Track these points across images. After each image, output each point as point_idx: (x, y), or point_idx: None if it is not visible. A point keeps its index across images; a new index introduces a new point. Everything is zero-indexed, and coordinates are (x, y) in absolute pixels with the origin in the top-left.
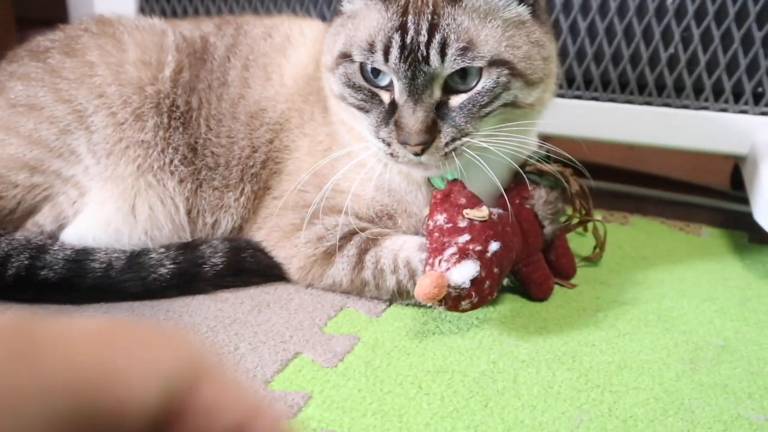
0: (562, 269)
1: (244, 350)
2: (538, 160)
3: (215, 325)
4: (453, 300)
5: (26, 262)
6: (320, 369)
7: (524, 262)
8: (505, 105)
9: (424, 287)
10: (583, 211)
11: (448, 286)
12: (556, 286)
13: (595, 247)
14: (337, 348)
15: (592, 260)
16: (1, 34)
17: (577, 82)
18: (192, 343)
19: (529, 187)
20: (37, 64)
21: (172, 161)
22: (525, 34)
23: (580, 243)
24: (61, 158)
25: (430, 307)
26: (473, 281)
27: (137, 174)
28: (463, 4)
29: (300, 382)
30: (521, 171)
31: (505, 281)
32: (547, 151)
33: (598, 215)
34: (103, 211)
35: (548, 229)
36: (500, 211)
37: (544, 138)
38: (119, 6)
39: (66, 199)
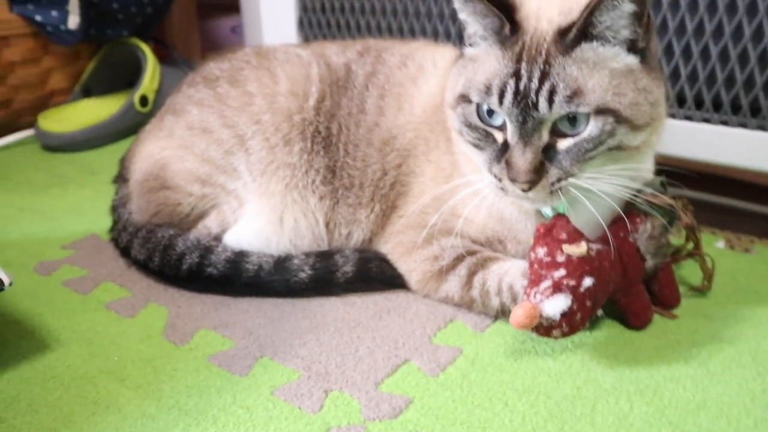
0: (665, 299)
1: (363, 353)
2: (653, 190)
3: (341, 327)
4: (545, 329)
5: (197, 260)
6: (424, 377)
7: (623, 292)
8: (610, 149)
9: (517, 316)
10: (692, 244)
11: (540, 316)
12: (657, 316)
13: (703, 279)
14: (441, 359)
15: (699, 290)
16: (185, 21)
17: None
18: None
19: (637, 219)
20: (208, 91)
21: (314, 181)
22: (632, 81)
23: (692, 269)
24: (226, 174)
25: None
26: (564, 314)
27: (285, 191)
28: (574, 55)
29: (405, 387)
30: (631, 202)
31: (599, 312)
32: (662, 182)
33: (720, 240)
34: (257, 220)
35: (650, 263)
36: (600, 246)
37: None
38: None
39: (229, 208)
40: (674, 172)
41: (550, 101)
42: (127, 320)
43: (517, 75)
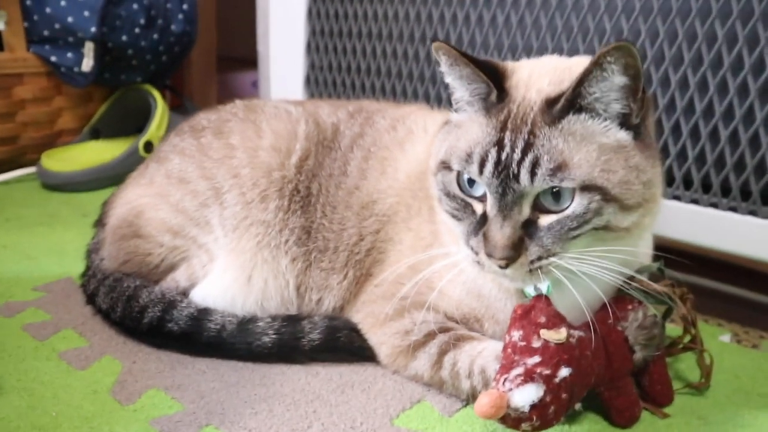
0: (656, 396)
1: (316, 430)
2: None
3: (299, 399)
4: (513, 420)
5: (158, 314)
6: None
7: (607, 385)
8: (596, 229)
9: (482, 405)
10: (689, 337)
11: (508, 406)
12: (645, 414)
13: (701, 376)
14: None
15: (696, 388)
16: (203, 72)
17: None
18: None
19: (628, 306)
20: (192, 141)
21: (287, 241)
22: (623, 158)
23: (690, 364)
24: (198, 227)
25: None
26: (534, 406)
27: (256, 249)
28: (560, 126)
29: None
30: (622, 288)
31: (578, 406)
32: (659, 268)
33: (726, 333)
34: (224, 278)
35: (638, 355)
36: (582, 333)
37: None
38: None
39: (198, 262)
40: (678, 259)
41: (533, 173)
42: (77, 372)
43: (499, 144)
